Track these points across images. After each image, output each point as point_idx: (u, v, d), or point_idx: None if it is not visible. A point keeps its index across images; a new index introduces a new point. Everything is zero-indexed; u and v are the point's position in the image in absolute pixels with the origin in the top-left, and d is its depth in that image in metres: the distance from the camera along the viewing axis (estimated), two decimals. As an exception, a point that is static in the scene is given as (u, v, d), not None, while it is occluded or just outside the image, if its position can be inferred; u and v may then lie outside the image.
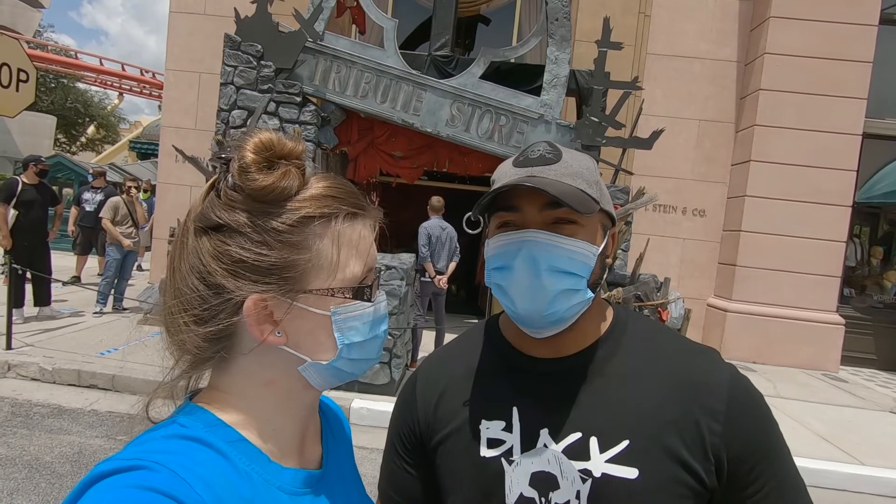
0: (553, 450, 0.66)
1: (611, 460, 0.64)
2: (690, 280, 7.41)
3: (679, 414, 0.64)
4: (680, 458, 0.63)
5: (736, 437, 0.63)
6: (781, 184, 6.81)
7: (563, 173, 0.66)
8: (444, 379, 0.77)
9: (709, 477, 0.63)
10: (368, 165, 6.71)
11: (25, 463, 2.98)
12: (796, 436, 4.24)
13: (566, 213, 0.64)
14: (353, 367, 0.57)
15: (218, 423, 0.52)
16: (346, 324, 0.55)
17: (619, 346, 0.71)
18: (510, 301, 0.67)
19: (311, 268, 0.52)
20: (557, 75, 5.88)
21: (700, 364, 0.69)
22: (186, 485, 0.44)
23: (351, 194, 0.56)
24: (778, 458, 0.65)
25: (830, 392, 5.75)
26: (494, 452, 0.69)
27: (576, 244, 0.65)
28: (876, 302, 7.44)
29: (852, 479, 3.63)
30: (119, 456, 0.46)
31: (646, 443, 0.64)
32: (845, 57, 6.69)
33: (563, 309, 0.65)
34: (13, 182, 5.53)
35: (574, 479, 0.64)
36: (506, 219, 0.67)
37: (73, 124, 26.60)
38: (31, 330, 5.20)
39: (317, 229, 0.53)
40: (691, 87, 7.40)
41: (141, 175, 13.42)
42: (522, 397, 0.70)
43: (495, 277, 0.68)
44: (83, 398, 4.02)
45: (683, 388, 0.66)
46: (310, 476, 0.57)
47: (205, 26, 7.60)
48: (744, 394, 0.67)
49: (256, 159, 0.51)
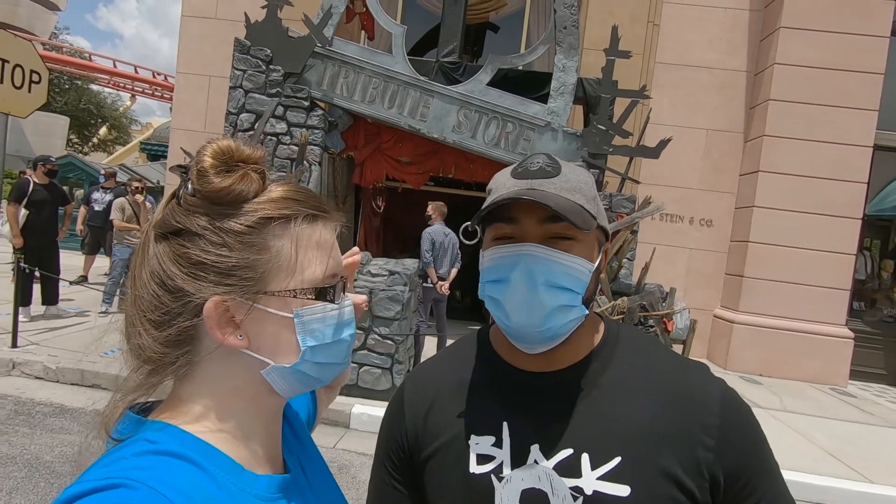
0: (544, 466, 0.65)
1: (602, 477, 0.62)
2: (697, 290, 7.35)
3: (672, 429, 0.64)
4: (673, 476, 0.61)
5: (729, 452, 0.63)
6: (790, 195, 6.74)
7: (562, 187, 0.65)
8: (432, 392, 0.75)
9: (702, 494, 0.62)
10: (375, 170, 6.73)
11: (26, 462, 2.98)
12: (803, 451, 4.17)
13: (564, 228, 0.63)
14: (319, 372, 0.56)
15: (188, 435, 0.51)
16: (309, 326, 0.54)
17: (611, 359, 0.70)
18: (504, 315, 0.66)
19: (271, 269, 0.52)
20: (565, 83, 5.87)
21: (692, 378, 0.68)
22: (167, 500, 0.43)
23: (311, 197, 0.56)
24: (769, 472, 0.65)
25: (838, 407, 5.66)
26: (484, 469, 0.67)
27: (573, 260, 0.64)
28: (886, 316, 7.33)
29: (860, 498, 3.56)
30: (90, 476, 0.44)
31: (638, 460, 0.62)
32: (856, 68, 6.64)
33: (558, 325, 0.64)
34: (24, 182, 5.62)
35: (565, 497, 0.63)
36: (503, 231, 0.66)
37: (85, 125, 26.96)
38: (36, 328, 5.24)
39: (276, 230, 0.53)
40: (699, 96, 7.37)
41: (150, 176, 13.55)
42: (513, 412, 0.69)
43: (490, 290, 0.67)
44: (86, 398, 4.03)
45: (676, 403, 0.65)
46: (282, 480, 0.57)
47: (216, 30, 7.69)
48: (735, 408, 0.66)
49: (214, 163, 0.52)
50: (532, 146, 5.85)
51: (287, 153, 5.88)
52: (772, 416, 4.99)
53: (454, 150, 6.18)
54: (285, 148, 5.93)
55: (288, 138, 5.95)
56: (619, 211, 5.82)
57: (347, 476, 3.28)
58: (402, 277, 4.50)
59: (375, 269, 4.53)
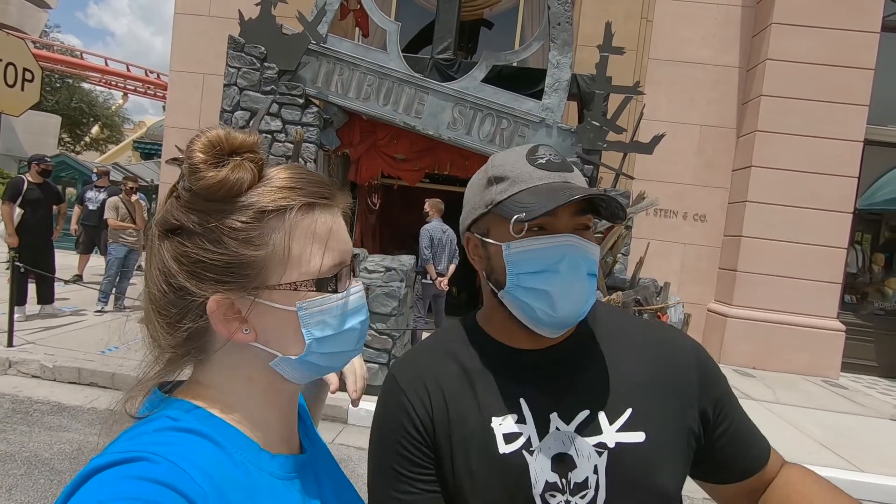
0: (566, 430, 0.69)
1: (621, 429, 0.68)
2: (691, 285, 7.40)
3: (664, 376, 0.73)
4: (675, 415, 0.70)
5: (708, 386, 0.74)
6: (782, 189, 6.81)
7: (581, 179, 0.71)
8: (437, 385, 0.73)
9: (696, 425, 0.72)
10: (370, 167, 6.73)
11: (24, 459, 2.99)
12: (796, 442, 4.23)
13: (588, 219, 0.69)
14: (330, 361, 0.57)
15: (207, 414, 0.53)
16: (314, 318, 0.54)
17: (596, 327, 0.77)
18: (549, 306, 0.66)
19: (269, 263, 0.52)
20: (559, 79, 5.90)
21: (663, 331, 0.79)
22: (186, 475, 0.44)
23: (311, 183, 0.55)
24: (735, 401, 0.77)
25: (830, 399, 5.73)
26: (514, 447, 0.68)
27: (597, 248, 0.70)
28: (877, 309, 7.42)
29: (852, 486, 3.62)
30: (113, 449, 0.45)
31: (645, 407, 0.70)
32: (847, 64, 6.70)
33: (586, 309, 0.69)
34: (19, 181, 5.60)
35: (590, 455, 0.67)
36: (540, 223, 0.67)
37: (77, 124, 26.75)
38: (32, 328, 5.22)
39: (273, 223, 0.52)
40: (693, 92, 7.41)
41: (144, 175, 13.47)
42: (526, 388, 0.72)
43: (531, 282, 0.66)
44: (83, 396, 4.03)
45: (660, 353, 0.74)
46: (297, 460, 0.58)
47: (209, 28, 7.65)
48: (702, 351, 0.78)
49: (205, 157, 0.50)
50: (526, 142, 5.85)
51: (282, 151, 5.88)
52: (765, 409, 5.05)
53: (449, 147, 6.19)
54: (280, 145, 5.93)
55: (283, 136, 5.95)
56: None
57: (347, 470, 3.30)
58: (399, 274, 4.52)
59: (372, 266, 4.55)
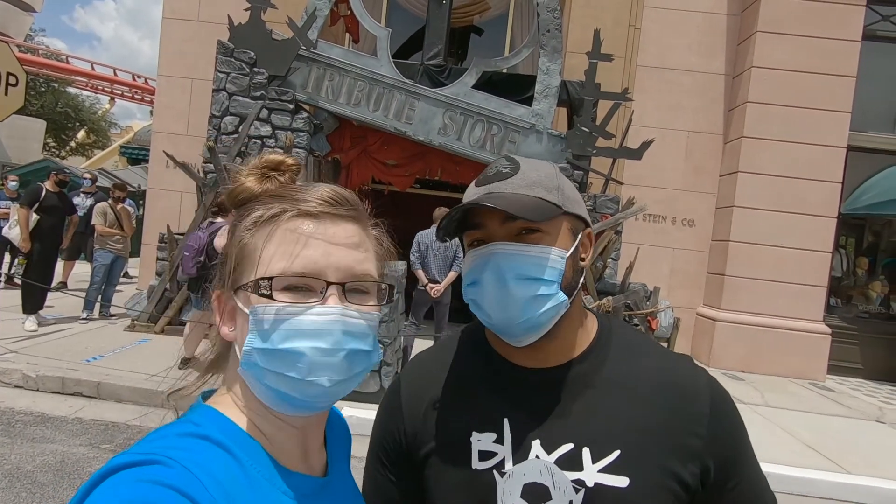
0: (545, 461, 0.67)
1: (603, 470, 0.65)
2: (680, 289, 7.47)
3: (666, 422, 0.67)
4: (668, 466, 0.65)
5: (717, 441, 0.67)
6: (768, 194, 6.91)
7: (519, 185, 0.67)
8: (431, 389, 0.76)
9: (693, 481, 0.66)
10: (361, 173, 6.72)
11: (6, 472, 2.92)
12: (784, 445, 4.27)
13: (526, 223, 0.65)
14: (280, 384, 0.51)
15: (228, 423, 0.53)
16: (258, 325, 0.52)
17: (607, 355, 0.72)
18: (485, 314, 0.68)
19: (242, 263, 0.55)
20: (549, 86, 5.94)
21: (681, 371, 0.72)
22: (199, 482, 0.45)
23: (301, 191, 0.56)
24: (749, 458, 0.70)
25: (818, 401, 5.80)
26: (486, 465, 0.69)
27: (541, 250, 0.66)
28: (861, 312, 7.54)
29: (839, 488, 3.66)
30: (134, 450, 0.47)
31: (636, 452, 0.66)
32: (830, 71, 6.83)
33: (535, 315, 0.65)
34: (38, 188, 5.85)
35: (567, 489, 0.65)
36: (474, 236, 0.69)
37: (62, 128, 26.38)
38: (15, 336, 5.12)
39: (252, 225, 0.55)
40: (681, 98, 7.51)
41: (131, 180, 13.31)
42: (513, 409, 0.71)
43: (470, 293, 0.70)
44: (67, 406, 3.95)
45: (669, 396, 0.69)
46: (315, 483, 0.58)
47: (198, 33, 7.61)
48: (721, 399, 0.70)
49: (248, 171, 0.59)
50: (517, 148, 5.91)
51: (272, 156, 5.84)
52: (754, 412, 5.10)
53: (440, 153, 6.20)
54: (270, 151, 5.86)
55: (273, 141, 5.92)
56: (603, 212, 5.90)
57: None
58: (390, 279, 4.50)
59: (363, 272, 4.52)
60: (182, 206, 7.60)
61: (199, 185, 5.86)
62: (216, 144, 5.77)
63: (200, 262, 4.34)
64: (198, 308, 4.61)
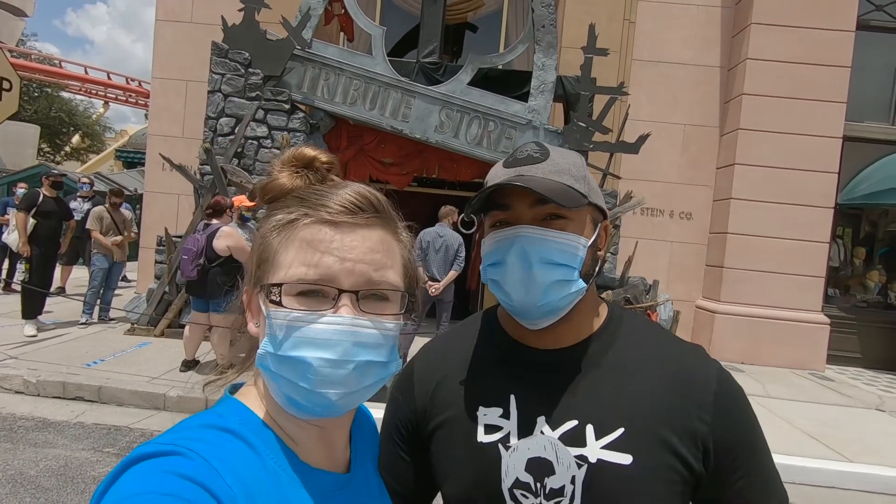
0: (550, 436, 0.68)
1: (606, 447, 0.66)
2: (679, 282, 7.49)
3: (671, 405, 0.68)
4: (671, 447, 0.66)
5: (722, 429, 0.67)
6: (765, 186, 6.92)
7: (549, 171, 0.68)
8: (442, 367, 0.79)
9: (697, 464, 0.67)
10: (358, 172, 6.71)
11: (9, 478, 2.91)
12: (785, 435, 4.29)
13: (554, 208, 0.67)
14: (290, 390, 0.52)
15: (251, 416, 0.55)
16: (271, 329, 0.52)
17: (615, 339, 0.74)
18: (505, 294, 0.69)
19: (266, 264, 0.55)
20: (545, 81, 5.94)
21: (690, 359, 0.73)
22: (218, 475, 0.46)
23: (325, 196, 0.55)
24: (758, 450, 0.70)
25: (817, 391, 5.83)
26: (491, 438, 0.71)
27: (565, 237, 0.67)
28: (860, 301, 7.57)
29: (840, 476, 3.68)
30: (158, 440, 0.48)
31: (640, 431, 0.67)
32: (824, 62, 6.84)
33: (556, 299, 0.67)
34: (35, 193, 5.84)
35: (570, 465, 0.67)
36: (498, 217, 0.70)
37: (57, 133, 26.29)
38: (14, 342, 5.10)
39: (277, 226, 0.56)
40: (676, 92, 7.51)
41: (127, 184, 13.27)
42: (520, 385, 0.72)
43: (491, 273, 0.71)
44: (69, 410, 3.94)
45: (676, 381, 0.70)
46: (337, 479, 0.59)
47: (192, 34, 7.58)
48: (729, 388, 0.71)
49: (280, 167, 0.60)
50: (514, 144, 5.91)
51: (269, 157, 5.83)
52: (755, 403, 5.05)
53: (437, 151, 6.20)
54: (267, 152, 5.88)
55: (269, 142, 5.90)
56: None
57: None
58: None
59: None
60: (179, 209, 7.58)
61: (196, 187, 5.85)
62: (212, 146, 5.76)
63: (201, 265, 4.33)
64: (197, 309, 4.60)
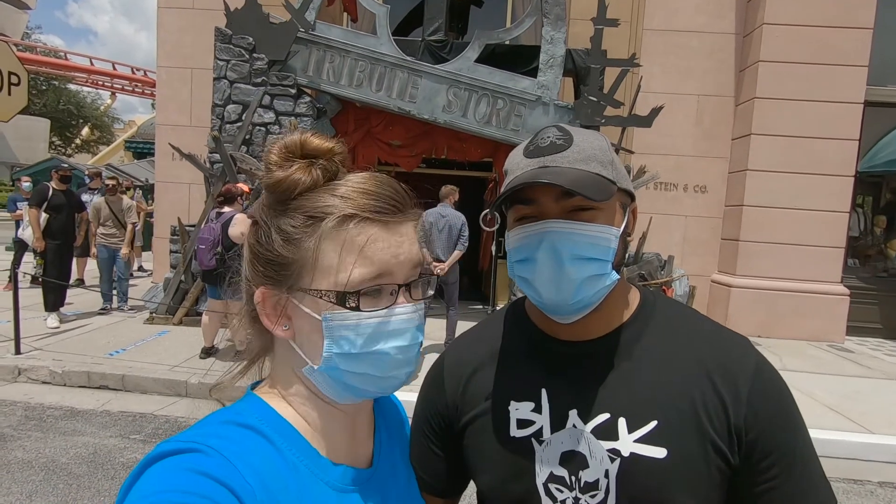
0: (582, 430, 0.67)
1: (639, 440, 0.65)
2: (694, 257, 7.40)
3: (706, 395, 0.65)
4: (707, 438, 0.63)
5: (757, 421, 0.63)
6: (783, 156, 6.75)
7: (575, 159, 0.64)
8: (472, 362, 0.78)
9: (733, 456, 0.64)
10: (366, 155, 6.66)
11: (42, 465, 3.01)
12: (805, 408, 4.22)
13: (583, 200, 0.62)
14: (363, 383, 0.54)
15: (271, 413, 0.55)
16: (337, 332, 0.52)
17: (647, 327, 0.71)
18: (535, 292, 0.67)
19: (305, 266, 0.53)
20: (554, 55, 5.80)
21: (728, 348, 0.69)
22: (237, 472, 0.46)
23: (367, 195, 0.54)
24: (798, 448, 0.64)
25: (837, 363, 5.77)
26: (524, 433, 0.70)
27: (597, 229, 0.64)
28: (880, 271, 7.42)
29: (862, 448, 3.65)
30: (180, 437, 0.49)
31: (674, 423, 0.64)
32: (845, 24, 6.58)
33: (589, 295, 0.65)
34: (45, 188, 5.87)
35: (602, 458, 0.65)
36: (524, 212, 0.67)
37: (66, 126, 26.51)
38: (38, 334, 5.22)
39: (313, 228, 0.53)
40: (690, 61, 7.30)
41: (138, 175, 13.37)
42: (551, 379, 0.71)
43: (519, 270, 0.68)
44: (95, 399, 4.05)
45: (710, 371, 0.66)
46: (359, 474, 0.58)
47: (195, 21, 7.50)
48: (769, 380, 0.66)
49: (278, 159, 0.55)
50: (523, 122, 5.81)
51: (277, 143, 5.81)
52: (773, 376, 5.08)
53: (445, 131, 6.12)
54: (275, 138, 5.85)
55: (277, 127, 5.87)
56: (614, 182, 5.81)
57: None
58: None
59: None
60: (191, 198, 7.62)
61: (206, 175, 5.86)
62: (221, 134, 5.75)
63: (219, 254, 4.35)
64: (213, 297, 4.65)
